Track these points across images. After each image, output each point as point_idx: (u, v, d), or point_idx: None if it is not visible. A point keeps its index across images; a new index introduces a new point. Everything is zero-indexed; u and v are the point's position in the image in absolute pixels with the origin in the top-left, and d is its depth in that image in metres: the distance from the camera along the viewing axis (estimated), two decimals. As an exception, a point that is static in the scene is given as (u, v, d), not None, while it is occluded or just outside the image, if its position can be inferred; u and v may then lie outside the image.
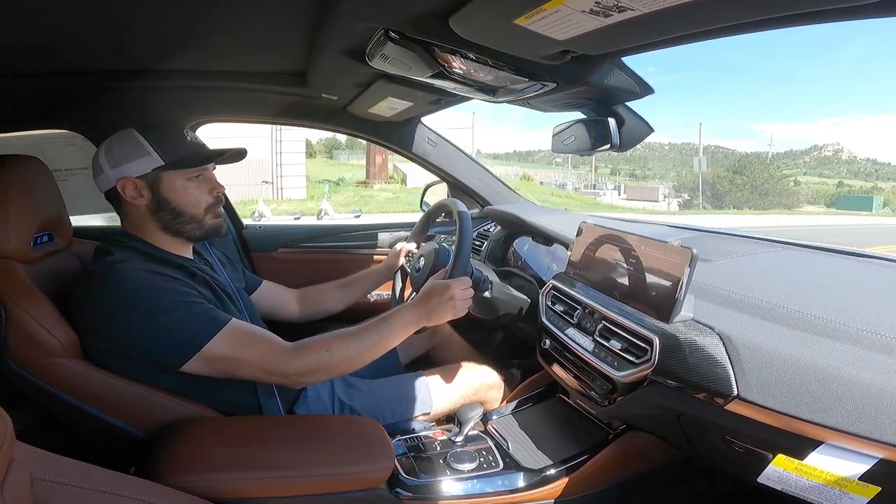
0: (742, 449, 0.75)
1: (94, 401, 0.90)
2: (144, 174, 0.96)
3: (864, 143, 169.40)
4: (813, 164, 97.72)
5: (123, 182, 0.95)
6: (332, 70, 1.21)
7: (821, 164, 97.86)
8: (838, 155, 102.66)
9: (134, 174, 0.95)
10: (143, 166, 0.95)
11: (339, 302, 1.42)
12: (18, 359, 0.87)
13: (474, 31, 0.80)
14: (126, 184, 0.95)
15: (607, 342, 0.90)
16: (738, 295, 0.81)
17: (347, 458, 0.87)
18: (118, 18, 0.91)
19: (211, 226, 1.03)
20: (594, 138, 1.16)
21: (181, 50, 1.17)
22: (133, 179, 0.95)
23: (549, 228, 1.36)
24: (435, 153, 1.84)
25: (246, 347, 0.91)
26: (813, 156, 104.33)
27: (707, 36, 0.74)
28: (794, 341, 0.69)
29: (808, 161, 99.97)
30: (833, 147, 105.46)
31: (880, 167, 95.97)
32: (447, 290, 1.01)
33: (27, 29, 0.92)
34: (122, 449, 0.94)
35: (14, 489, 0.46)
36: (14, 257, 0.91)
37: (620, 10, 0.63)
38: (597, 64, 0.94)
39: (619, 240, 0.95)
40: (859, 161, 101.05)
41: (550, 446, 1.09)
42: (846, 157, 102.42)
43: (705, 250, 0.93)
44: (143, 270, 0.90)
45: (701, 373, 0.73)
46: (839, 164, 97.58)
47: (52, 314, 0.89)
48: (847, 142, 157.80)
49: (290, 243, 1.88)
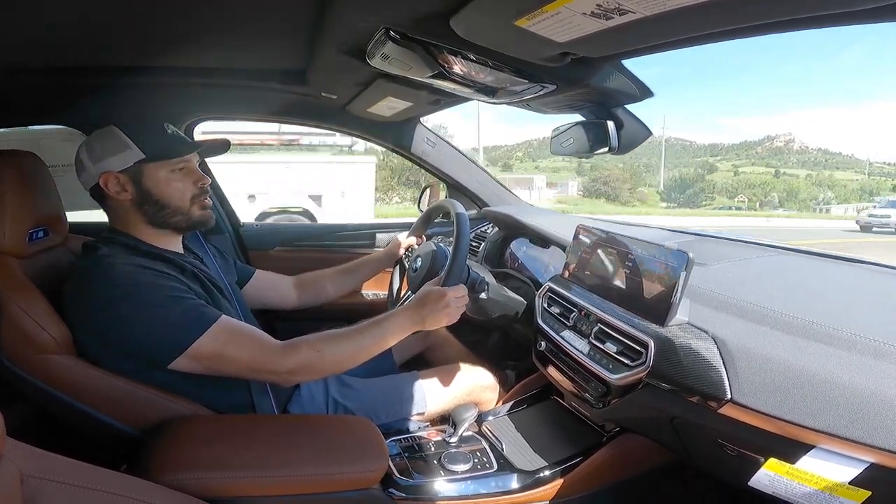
0: (734, 452, 0.75)
1: (86, 398, 0.89)
2: (126, 168, 0.95)
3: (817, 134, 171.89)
4: (764, 154, 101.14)
5: (106, 177, 0.95)
6: (331, 69, 1.21)
7: (772, 154, 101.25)
8: (790, 145, 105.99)
9: (116, 168, 0.95)
10: (124, 160, 0.95)
11: (338, 288, 1.42)
12: (11, 355, 0.86)
13: (475, 32, 0.80)
14: (109, 178, 0.95)
15: (602, 345, 0.90)
16: (733, 299, 0.82)
17: (341, 457, 0.87)
18: (118, 14, 0.91)
19: (198, 217, 1.02)
20: (593, 141, 1.17)
21: (181, 47, 1.17)
22: (115, 174, 0.95)
23: (546, 231, 1.36)
24: (433, 154, 1.85)
25: (235, 346, 0.90)
26: (765, 146, 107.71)
27: (708, 39, 0.74)
28: (788, 345, 0.69)
29: (759, 151, 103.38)
30: (785, 137, 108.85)
31: (831, 156, 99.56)
32: (442, 297, 1.02)
33: (25, 24, 0.91)
34: (114, 446, 0.93)
35: (3, 486, 0.46)
36: (9, 252, 0.91)
37: (621, 12, 0.63)
38: (597, 66, 0.95)
39: (616, 243, 0.96)
40: (811, 151, 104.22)
41: (545, 448, 1.09)
42: (798, 147, 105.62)
43: (701, 254, 0.93)
44: (130, 265, 0.89)
45: (695, 376, 0.74)
46: (790, 153, 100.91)
47: (46, 310, 0.88)
48: (800, 133, 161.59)
49: (288, 242, 1.89)
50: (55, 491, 0.52)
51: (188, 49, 1.19)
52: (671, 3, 0.59)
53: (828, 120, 62.93)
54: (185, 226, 1.02)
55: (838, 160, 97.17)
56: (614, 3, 0.61)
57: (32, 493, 0.49)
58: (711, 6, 0.59)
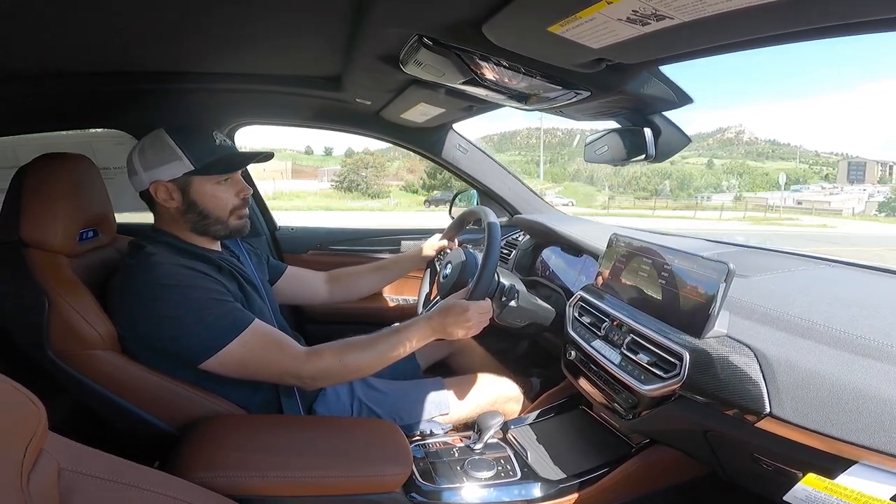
0: (770, 467, 0.73)
1: (126, 394, 0.93)
2: (175, 178, 0.99)
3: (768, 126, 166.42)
4: (715, 145, 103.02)
5: (156, 185, 0.99)
6: (366, 75, 1.23)
7: (722, 145, 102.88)
8: (740, 137, 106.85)
9: (165, 178, 0.99)
10: (174, 170, 0.99)
11: (371, 285, 1.44)
12: (58, 350, 0.90)
13: (507, 39, 0.80)
14: (158, 187, 1.00)
15: (635, 356, 0.88)
16: (776, 312, 0.78)
17: (365, 460, 0.87)
18: (167, 20, 0.95)
19: (235, 227, 1.07)
20: (629, 148, 1.14)
21: (224, 53, 1.21)
22: (165, 183, 0.99)
23: (579, 239, 1.34)
24: (465, 160, 1.85)
25: (263, 351, 0.93)
26: (716, 138, 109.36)
27: (749, 45, 0.72)
28: (834, 360, 0.66)
29: (710, 143, 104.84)
30: (735, 129, 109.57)
31: (778, 147, 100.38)
32: (465, 311, 1.02)
33: (80, 30, 0.96)
34: (149, 442, 0.96)
35: (41, 479, 0.47)
36: (60, 251, 0.95)
37: (659, 18, 0.62)
38: (633, 72, 0.93)
39: (652, 253, 0.93)
40: (759, 142, 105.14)
41: (570, 458, 1.07)
42: (747, 138, 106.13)
43: (742, 266, 0.90)
44: (173, 264, 0.93)
45: (732, 389, 0.71)
46: (740, 145, 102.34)
47: (94, 307, 0.92)
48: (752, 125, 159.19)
49: (321, 245, 1.92)
50: (90, 485, 0.53)
51: (232, 55, 1.23)
52: (711, 9, 0.58)
53: (779, 113, 61.94)
54: (223, 234, 1.07)
55: (784, 151, 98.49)
56: (651, 8, 0.60)
57: (69, 487, 0.50)
58: (754, 12, 0.57)
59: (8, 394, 0.45)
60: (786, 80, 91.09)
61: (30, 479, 0.45)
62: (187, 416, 0.94)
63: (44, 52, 1.08)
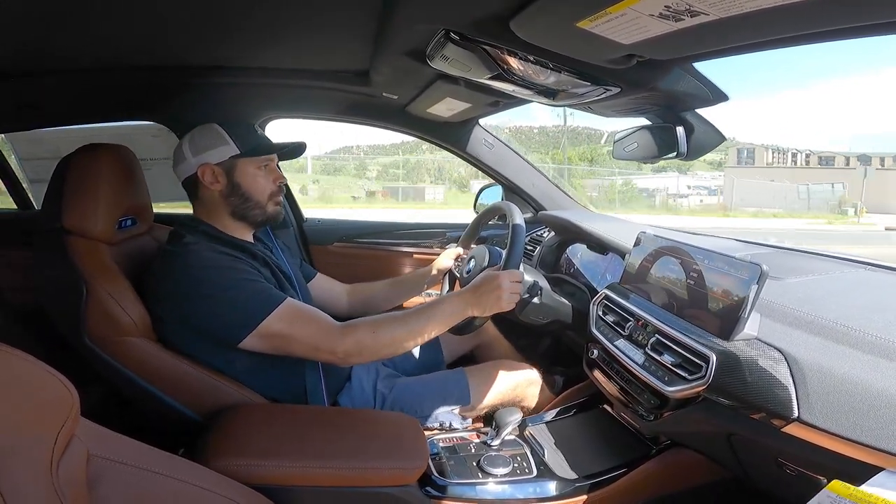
0: (795, 472, 0.72)
1: (156, 380, 0.96)
2: (222, 161, 1.05)
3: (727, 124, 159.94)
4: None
5: (203, 168, 1.04)
6: (393, 69, 1.23)
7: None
8: None
9: (213, 161, 1.05)
10: (221, 154, 1.05)
11: (387, 300, 1.45)
12: (94, 336, 0.93)
13: (536, 34, 0.79)
14: (206, 170, 1.05)
15: (659, 356, 0.87)
16: (810, 316, 0.76)
17: (382, 453, 0.89)
18: (209, 17, 0.98)
19: (272, 212, 1.12)
20: (660, 145, 1.12)
21: (259, 49, 1.24)
22: (212, 166, 1.05)
23: (605, 237, 1.32)
24: (490, 155, 1.84)
25: (299, 325, 0.96)
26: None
27: (786, 43, 0.69)
28: (868, 366, 0.64)
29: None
30: None
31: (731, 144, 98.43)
32: (496, 279, 1.03)
33: (126, 26, 1.00)
34: (177, 429, 0.99)
35: (71, 464, 0.48)
36: (99, 238, 0.99)
37: (693, 14, 0.60)
38: (665, 69, 0.91)
39: (681, 252, 0.91)
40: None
41: (588, 457, 1.06)
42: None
43: (776, 267, 0.87)
44: (210, 251, 0.98)
45: (760, 393, 0.70)
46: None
47: (130, 294, 0.96)
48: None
49: (346, 238, 1.95)
50: (118, 472, 0.55)
51: (266, 51, 1.26)
52: (747, 6, 0.56)
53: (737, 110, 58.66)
54: (261, 219, 1.11)
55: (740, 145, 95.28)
56: (685, 4, 0.58)
57: (97, 473, 0.52)
58: (791, 8, 0.55)
59: (43, 378, 0.46)
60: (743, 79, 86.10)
61: (60, 463, 0.46)
62: (214, 405, 0.96)
63: (91, 48, 1.13)
